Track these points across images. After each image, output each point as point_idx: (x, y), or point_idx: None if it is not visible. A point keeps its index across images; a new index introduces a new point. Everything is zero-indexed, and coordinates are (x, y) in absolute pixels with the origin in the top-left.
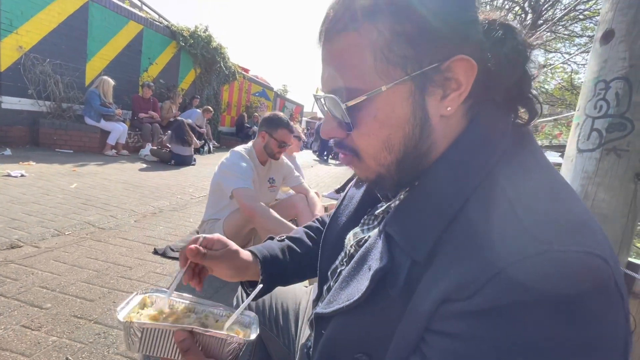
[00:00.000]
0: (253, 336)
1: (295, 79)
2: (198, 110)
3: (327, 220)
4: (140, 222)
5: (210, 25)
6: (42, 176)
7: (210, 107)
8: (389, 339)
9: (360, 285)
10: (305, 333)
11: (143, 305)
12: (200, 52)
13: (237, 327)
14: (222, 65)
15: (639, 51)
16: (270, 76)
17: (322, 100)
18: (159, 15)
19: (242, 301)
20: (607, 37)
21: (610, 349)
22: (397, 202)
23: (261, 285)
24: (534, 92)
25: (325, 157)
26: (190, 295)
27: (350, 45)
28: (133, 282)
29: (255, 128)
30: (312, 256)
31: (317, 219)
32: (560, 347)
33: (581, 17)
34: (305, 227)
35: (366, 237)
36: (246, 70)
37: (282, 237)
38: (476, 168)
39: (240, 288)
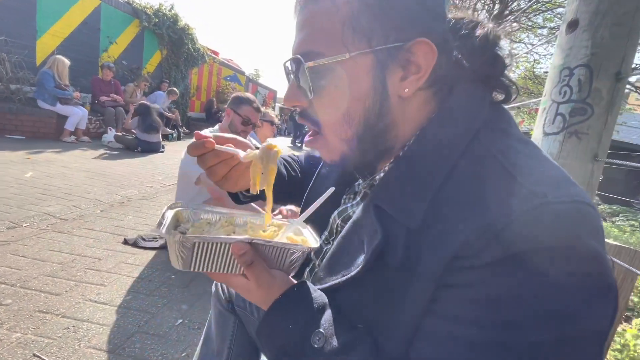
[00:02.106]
0: (315, 243)
1: (268, 64)
2: (162, 92)
3: (302, 161)
4: (107, 211)
5: (176, 3)
6: None
7: (175, 89)
8: (389, 308)
9: (355, 259)
10: None
11: (177, 221)
12: (166, 32)
13: (291, 235)
14: (190, 47)
15: (600, 40)
16: (242, 60)
17: (288, 66)
18: None
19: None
20: (572, 26)
21: (610, 285)
22: (381, 175)
23: (333, 189)
24: (508, 76)
25: (298, 144)
26: (221, 207)
27: (321, 11)
28: (102, 273)
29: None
30: (297, 182)
31: (291, 157)
32: (569, 287)
33: (543, 8)
34: (284, 159)
35: (350, 213)
36: (216, 53)
37: None
38: (461, 132)
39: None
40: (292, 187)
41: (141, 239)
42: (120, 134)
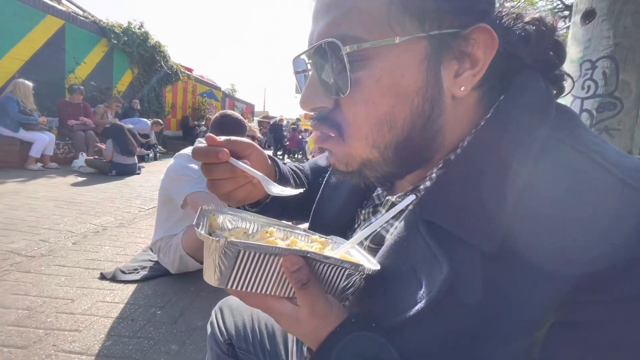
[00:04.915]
0: (374, 266)
1: (243, 78)
2: (147, 120)
3: (308, 172)
4: (80, 243)
5: (146, 21)
6: None
7: (160, 120)
8: (466, 355)
9: (408, 293)
10: (297, 356)
11: (210, 227)
12: (136, 50)
13: (344, 255)
14: (162, 64)
15: (622, 29)
16: (216, 76)
17: (305, 58)
18: (83, 10)
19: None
20: (588, 16)
21: None
22: (427, 184)
23: (414, 197)
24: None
25: (280, 156)
26: (260, 215)
27: None
28: (77, 317)
29: (204, 128)
30: (304, 194)
31: (297, 167)
32: None
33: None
34: (291, 169)
35: (383, 233)
36: (190, 70)
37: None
38: (534, 129)
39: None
40: (300, 199)
41: (120, 271)
42: (91, 157)
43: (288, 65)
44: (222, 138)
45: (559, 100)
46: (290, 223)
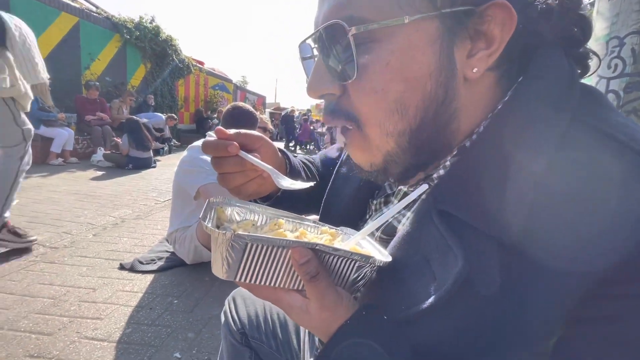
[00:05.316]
0: (386, 258)
1: (254, 69)
2: (162, 115)
3: (319, 164)
4: (100, 235)
5: (157, 16)
6: None
7: (174, 115)
8: (482, 348)
9: (421, 285)
10: (309, 345)
11: (218, 219)
12: (148, 45)
13: (355, 247)
14: (174, 58)
15: None
16: (227, 68)
17: (311, 43)
18: (96, 7)
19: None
20: None
21: None
22: (441, 172)
23: (426, 186)
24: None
25: (292, 148)
26: (268, 206)
27: None
28: (99, 305)
29: (216, 121)
30: (315, 187)
31: (308, 159)
32: None
33: None
34: (302, 161)
35: (395, 224)
36: (201, 63)
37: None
38: (556, 112)
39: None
40: (312, 192)
41: (138, 262)
42: (109, 152)
43: (298, 55)
44: (232, 131)
45: (584, 81)
46: (299, 215)
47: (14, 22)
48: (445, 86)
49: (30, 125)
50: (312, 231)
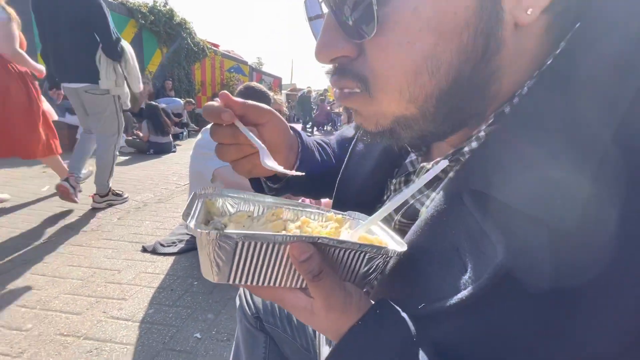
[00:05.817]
0: (401, 247)
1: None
2: (180, 100)
3: (335, 146)
4: (123, 219)
5: None
6: (7, 182)
7: (192, 100)
8: (525, 354)
9: (447, 278)
10: None
11: (207, 213)
12: (163, 29)
13: (365, 235)
14: (189, 41)
15: None
16: (243, 50)
17: None
18: None
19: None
20: None
21: None
22: (473, 144)
23: (446, 162)
24: None
25: (309, 130)
26: (263, 194)
27: None
28: (123, 286)
29: None
30: (330, 168)
31: (323, 141)
32: None
33: None
34: (316, 142)
35: (418, 206)
36: (216, 46)
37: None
38: (627, 66)
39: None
40: (325, 174)
41: (159, 244)
42: (130, 137)
43: (305, 15)
44: (239, 100)
45: None
46: (300, 201)
47: (124, 44)
48: (488, 36)
49: (123, 120)
50: (316, 218)
